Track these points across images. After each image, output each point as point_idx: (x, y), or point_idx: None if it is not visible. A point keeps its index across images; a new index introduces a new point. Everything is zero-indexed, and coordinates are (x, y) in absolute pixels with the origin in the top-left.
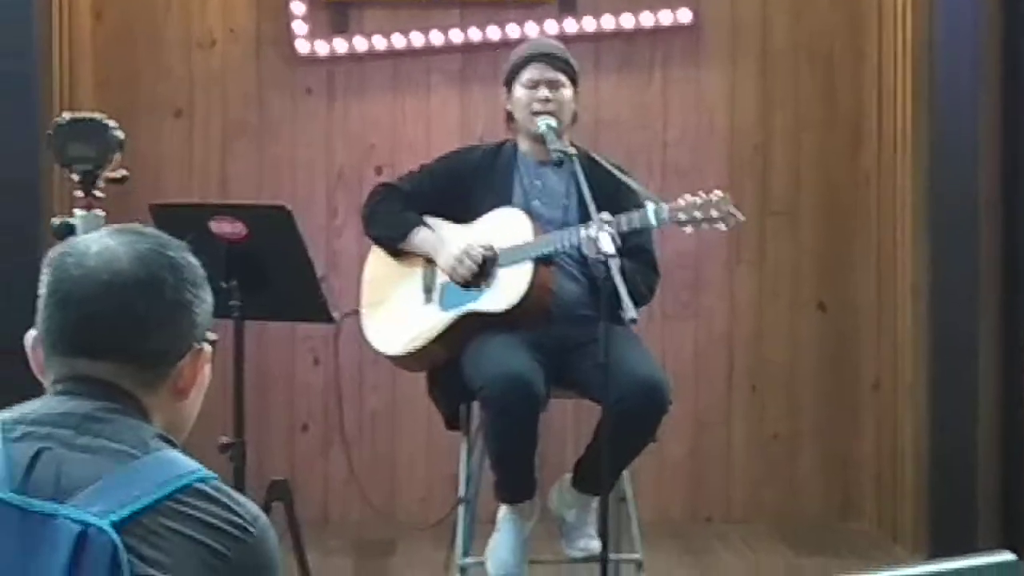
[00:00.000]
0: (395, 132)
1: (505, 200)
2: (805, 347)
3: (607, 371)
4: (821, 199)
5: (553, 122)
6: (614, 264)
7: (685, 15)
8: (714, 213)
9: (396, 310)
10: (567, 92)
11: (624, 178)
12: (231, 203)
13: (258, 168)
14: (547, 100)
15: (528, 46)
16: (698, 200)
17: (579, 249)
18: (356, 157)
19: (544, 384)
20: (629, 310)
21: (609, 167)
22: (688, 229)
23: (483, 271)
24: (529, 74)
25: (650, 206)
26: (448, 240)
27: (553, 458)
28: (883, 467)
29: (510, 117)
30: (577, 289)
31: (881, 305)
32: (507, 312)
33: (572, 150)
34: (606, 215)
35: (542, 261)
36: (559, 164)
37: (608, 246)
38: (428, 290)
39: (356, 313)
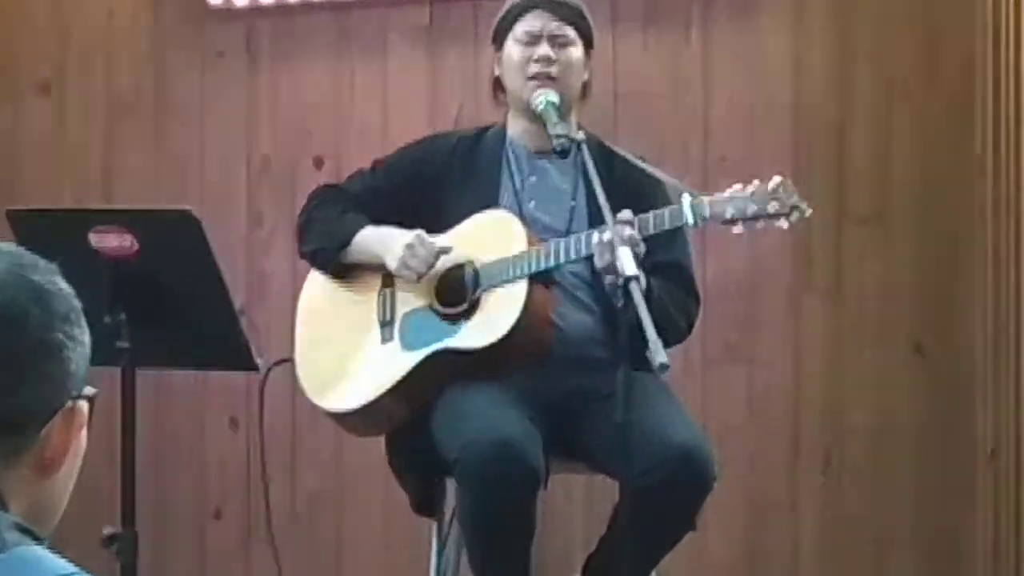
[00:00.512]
0: (340, 112)
1: (490, 202)
2: (897, 404)
3: (628, 435)
4: (919, 200)
5: (555, 96)
6: (637, 288)
7: None
8: (772, 205)
9: (342, 352)
10: (576, 53)
11: (651, 169)
12: (117, 208)
13: (154, 160)
14: (549, 60)
15: None
16: (750, 189)
17: (591, 264)
18: (288, 146)
19: (542, 453)
20: (658, 352)
21: (630, 158)
22: (738, 228)
23: (453, 291)
24: (526, 24)
25: (686, 199)
26: (401, 233)
27: (556, 553)
28: (1002, 564)
29: (498, 87)
30: (587, 320)
31: (998, 347)
32: (492, 350)
33: (581, 135)
34: (626, 213)
35: (540, 280)
36: (563, 154)
37: (629, 264)
38: (386, 323)
39: (287, 361)
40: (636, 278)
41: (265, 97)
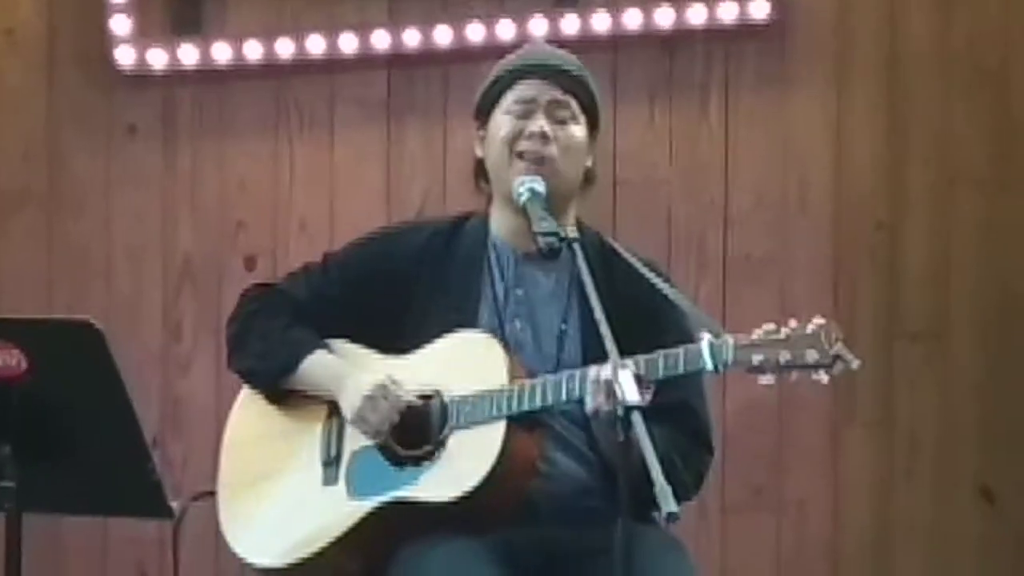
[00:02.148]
0: (277, 199)
1: (465, 318)
2: (960, 560)
3: None
4: (985, 315)
5: (540, 184)
6: (640, 420)
7: (761, 7)
8: (810, 354)
9: (276, 494)
10: (578, 132)
11: (661, 285)
12: (3, 318)
13: (47, 260)
14: (545, 138)
15: (523, 54)
16: (784, 331)
17: (581, 404)
18: (213, 240)
19: None
20: (666, 499)
21: (637, 265)
22: (767, 379)
23: (420, 423)
24: (519, 92)
25: (705, 339)
26: (362, 369)
27: None
28: None
29: (481, 172)
30: (580, 470)
31: None
32: (461, 504)
33: (572, 231)
34: (631, 363)
35: (522, 421)
36: (551, 256)
37: (631, 391)
38: (330, 462)
39: (208, 495)
40: (639, 408)
41: (185, 182)
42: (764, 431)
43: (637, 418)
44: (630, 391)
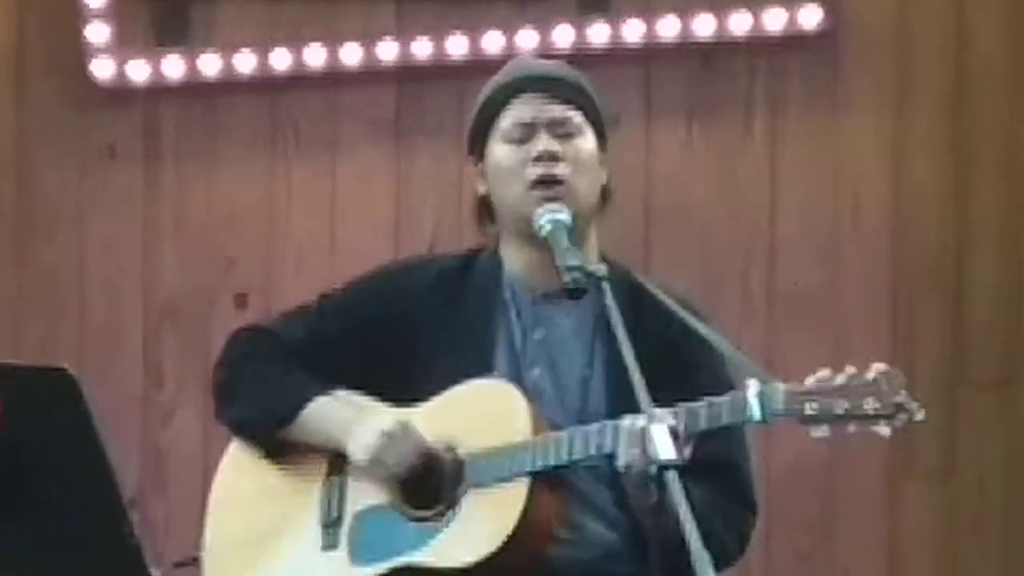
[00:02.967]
0: (272, 230)
1: (480, 365)
2: None
3: None
4: None
5: (565, 214)
6: (675, 480)
7: (811, 15)
8: (869, 403)
9: (269, 561)
10: (586, 145)
11: (699, 327)
12: None
13: (14, 295)
14: (554, 157)
15: (510, 70)
16: (841, 378)
17: (611, 461)
18: (200, 276)
19: None
20: (703, 566)
21: (669, 303)
22: (821, 431)
23: (432, 480)
24: (514, 114)
25: (752, 387)
26: (372, 413)
27: None
28: None
29: (484, 210)
30: (609, 534)
31: None
32: (476, 570)
33: (603, 269)
34: (668, 413)
35: (545, 479)
36: (576, 295)
37: (665, 447)
38: (331, 523)
39: (192, 563)
40: (674, 464)
41: (169, 209)
42: (812, 489)
43: (672, 477)
44: (663, 447)
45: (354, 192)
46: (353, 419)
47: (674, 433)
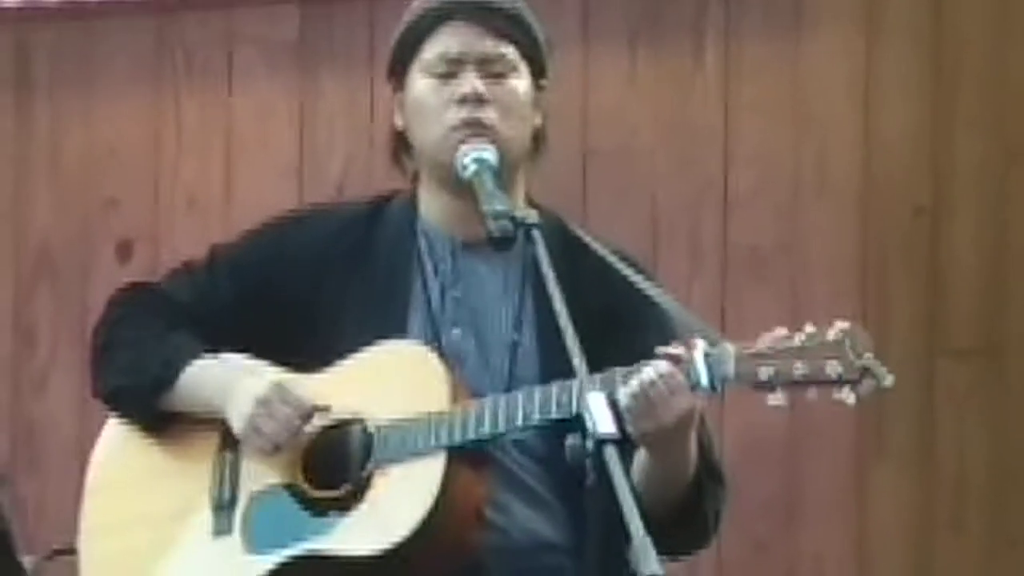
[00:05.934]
0: (159, 170)
1: (391, 325)
2: None
3: None
4: None
5: (491, 154)
6: (615, 457)
7: None
8: (832, 366)
9: (153, 547)
10: (521, 85)
11: (642, 283)
12: None
13: None
14: (479, 99)
15: None
16: (800, 337)
17: (547, 434)
18: (77, 221)
19: None
20: (645, 557)
21: (607, 256)
22: (777, 398)
23: (336, 456)
24: (440, 45)
25: (699, 347)
26: (251, 374)
27: None
28: None
29: (401, 145)
30: (538, 517)
31: None
32: (387, 559)
33: (532, 215)
34: (600, 379)
35: (464, 455)
36: (503, 245)
37: (603, 419)
38: (223, 506)
39: (68, 553)
40: (611, 438)
41: (43, 146)
42: (769, 471)
43: (612, 453)
44: (602, 419)
45: (251, 127)
46: (235, 380)
47: (613, 403)
